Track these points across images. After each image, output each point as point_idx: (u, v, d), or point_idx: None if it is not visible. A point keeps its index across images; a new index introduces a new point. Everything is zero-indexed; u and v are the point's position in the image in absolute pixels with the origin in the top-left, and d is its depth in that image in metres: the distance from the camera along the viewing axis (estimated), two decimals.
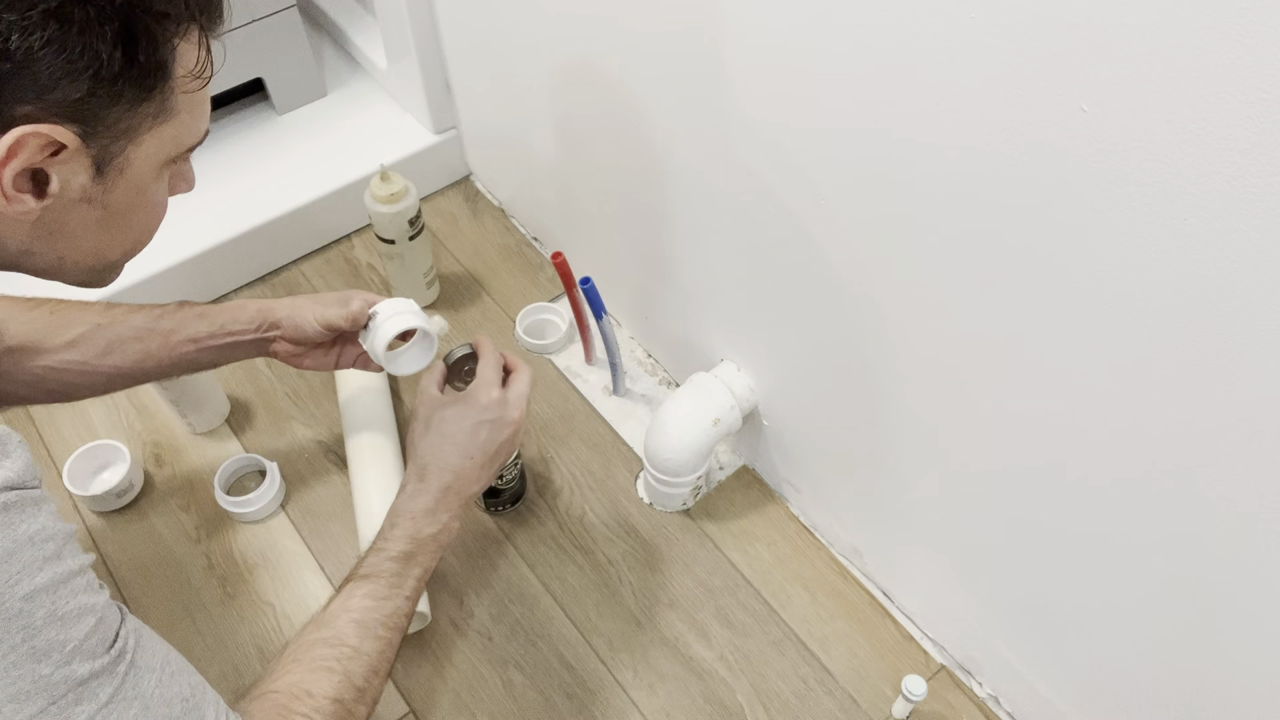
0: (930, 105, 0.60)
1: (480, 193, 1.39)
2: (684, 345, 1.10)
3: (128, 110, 0.50)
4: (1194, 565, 0.63)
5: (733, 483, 1.09)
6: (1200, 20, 0.44)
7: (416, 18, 1.19)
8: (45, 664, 0.50)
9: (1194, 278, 0.52)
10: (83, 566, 0.54)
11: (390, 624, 0.71)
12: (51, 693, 0.50)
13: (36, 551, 0.50)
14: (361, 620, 0.69)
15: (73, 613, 0.52)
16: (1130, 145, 0.51)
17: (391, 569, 0.73)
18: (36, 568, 0.50)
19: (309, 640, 0.67)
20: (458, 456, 0.79)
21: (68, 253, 0.56)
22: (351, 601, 0.70)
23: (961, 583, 0.87)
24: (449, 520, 0.78)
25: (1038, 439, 0.69)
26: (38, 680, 0.49)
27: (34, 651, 0.49)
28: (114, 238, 0.58)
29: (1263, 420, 0.53)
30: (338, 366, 0.95)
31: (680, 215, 0.94)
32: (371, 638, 0.69)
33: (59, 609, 0.51)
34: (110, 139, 0.50)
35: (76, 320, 0.83)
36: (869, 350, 0.80)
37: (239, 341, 0.89)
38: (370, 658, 0.68)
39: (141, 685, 0.54)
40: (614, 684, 0.94)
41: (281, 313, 0.90)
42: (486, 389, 0.81)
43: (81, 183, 0.51)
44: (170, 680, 0.56)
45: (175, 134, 0.54)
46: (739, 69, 0.74)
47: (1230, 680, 0.66)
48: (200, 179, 1.26)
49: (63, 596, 0.51)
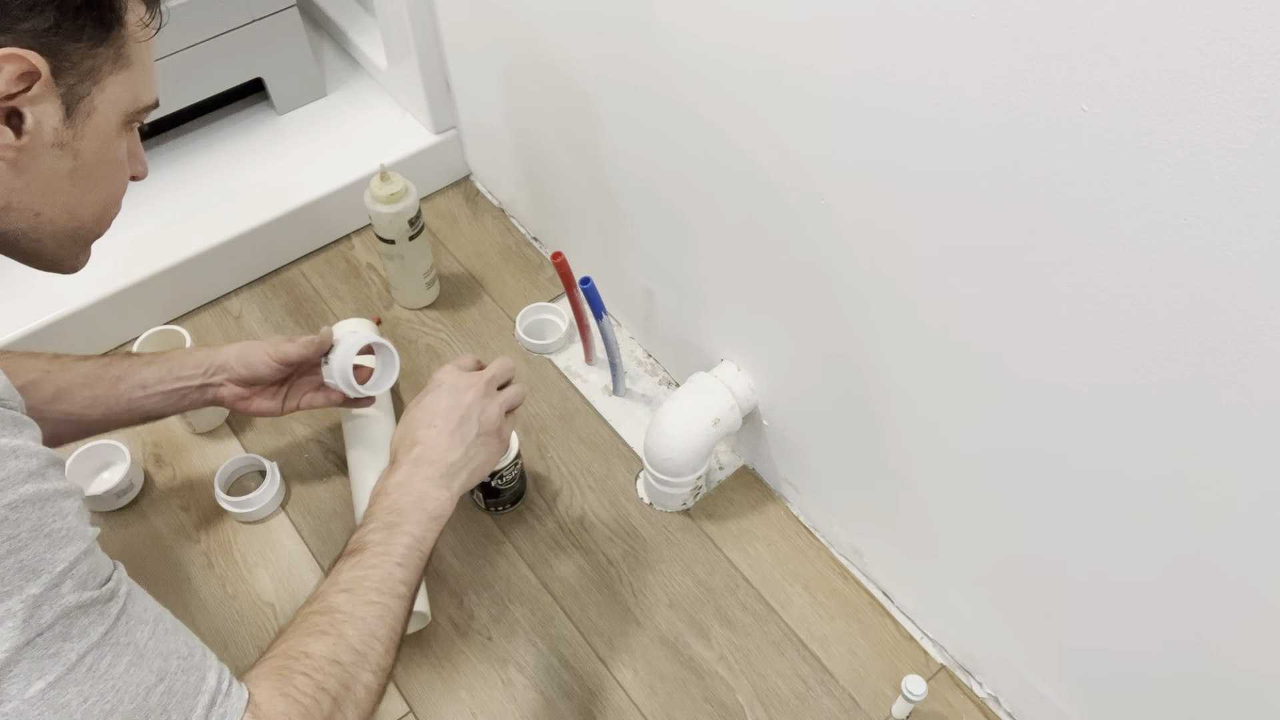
0: (930, 105, 0.60)
1: (480, 193, 1.39)
2: (684, 345, 1.10)
3: (90, 49, 0.55)
4: (1194, 564, 0.63)
5: (733, 483, 1.09)
6: (1200, 20, 0.44)
7: (416, 18, 1.19)
8: (33, 584, 0.47)
9: (1194, 278, 0.52)
10: (70, 491, 0.51)
11: (383, 589, 0.67)
12: (38, 621, 0.47)
13: (20, 464, 0.48)
14: (349, 588, 0.66)
15: (61, 533, 0.49)
16: (1130, 145, 0.51)
17: (375, 539, 0.70)
18: (20, 479, 0.47)
19: (300, 615, 0.65)
20: (421, 428, 0.78)
21: (44, 208, 0.58)
22: (339, 576, 0.67)
23: (961, 582, 0.87)
24: (429, 489, 0.75)
25: (1038, 439, 0.69)
26: (25, 601, 0.46)
27: (21, 566, 0.46)
28: (85, 194, 0.60)
29: (1263, 420, 0.53)
30: (283, 410, 0.95)
31: (681, 216, 0.94)
32: (363, 603, 0.65)
33: (46, 525, 0.48)
34: (76, 78, 0.55)
35: (25, 368, 0.83)
36: (869, 351, 0.80)
37: (187, 388, 0.90)
38: (365, 621, 0.64)
39: (135, 634, 0.51)
40: (614, 684, 0.94)
41: (229, 355, 0.91)
42: (439, 370, 0.84)
43: (54, 125, 0.55)
44: (165, 636, 0.53)
45: (132, 84, 0.59)
46: (740, 71, 0.74)
47: (1231, 679, 0.66)
48: (200, 179, 1.28)
49: (50, 514, 0.48)
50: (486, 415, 0.81)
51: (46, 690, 0.47)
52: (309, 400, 0.96)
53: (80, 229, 0.62)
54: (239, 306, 1.24)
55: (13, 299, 1.12)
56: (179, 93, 1.26)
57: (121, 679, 0.50)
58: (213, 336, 1.21)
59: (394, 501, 0.73)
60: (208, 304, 1.24)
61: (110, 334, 1.18)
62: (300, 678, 0.59)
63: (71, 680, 0.48)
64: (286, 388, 0.96)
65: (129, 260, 1.16)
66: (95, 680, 0.49)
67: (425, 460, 0.76)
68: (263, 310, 1.24)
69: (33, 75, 0.52)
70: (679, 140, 0.87)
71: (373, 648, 0.64)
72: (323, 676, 0.60)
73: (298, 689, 0.58)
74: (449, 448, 0.77)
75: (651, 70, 0.85)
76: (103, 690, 0.49)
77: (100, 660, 0.49)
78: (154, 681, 0.51)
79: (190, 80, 1.25)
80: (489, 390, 0.83)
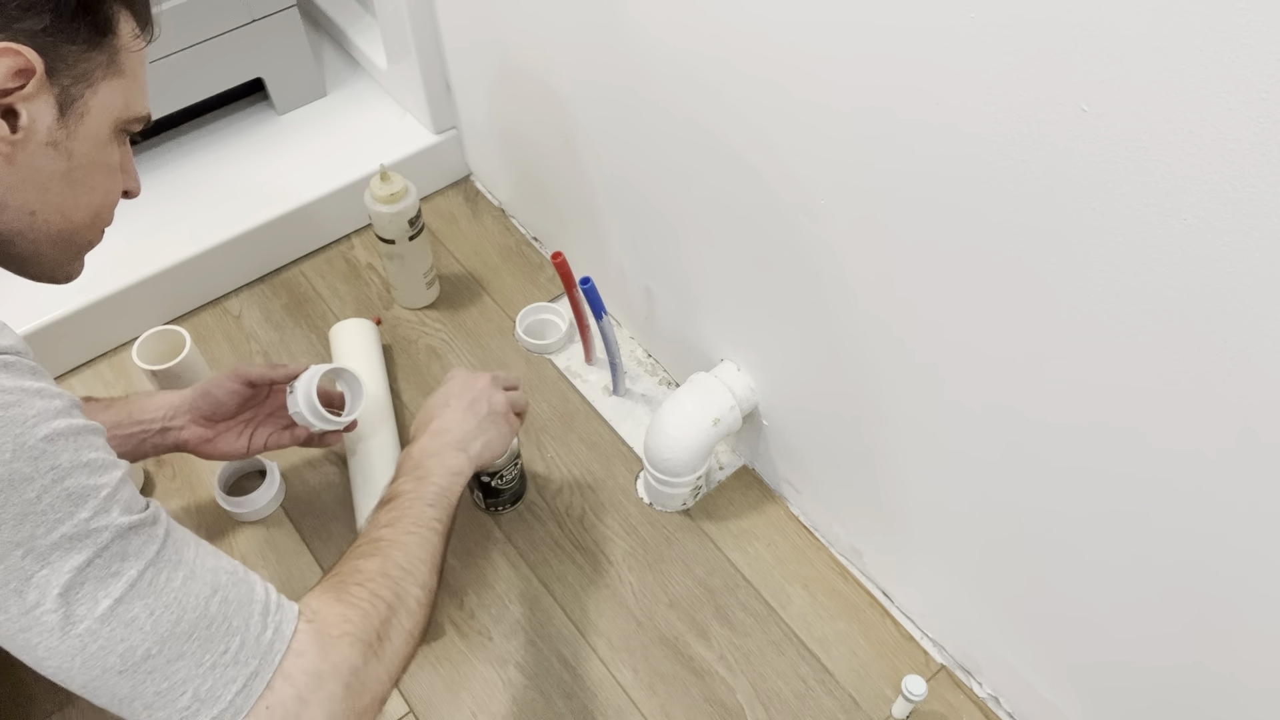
0: (930, 105, 0.60)
1: (480, 193, 1.39)
2: (684, 345, 1.10)
3: (83, 53, 0.56)
4: (1194, 564, 0.63)
5: (733, 483, 1.09)
6: (1200, 20, 0.45)
7: (416, 18, 1.19)
8: (83, 508, 0.49)
9: (1194, 277, 0.52)
10: (96, 428, 0.53)
11: (420, 522, 0.72)
12: (95, 540, 0.49)
13: (47, 403, 0.50)
14: (389, 524, 0.71)
15: (98, 462, 0.51)
16: (1130, 145, 0.51)
17: (406, 488, 0.75)
18: (51, 415, 0.49)
19: (348, 550, 0.69)
20: (436, 408, 0.85)
21: (39, 207, 0.58)
22: (378, 517, 0.73)
23: (961, 582, 0.87)
24: (448, 451, 0.81)
25: (1037, 440, 0.69)
26: (79, 525, 0.49)
27: (69, 494, 0.49)
28: (78, 196, 0.61)
29: (1263, 420, 0.53)
30: (249, 451, 0.94)
31: (681, 216, 0.94)
32: (404, 533, 0.70)
33: (82, 455, 0.50)
34: (70, 80, 0.56)
35: None
36: (869, 350, 0.80)
37: (147, 431, 0.89)
38: (408, 546, 0.69)
39: (184, 552, 0.54)
40: (614, 684, 0.94)
41: (188, 394, 0.91)
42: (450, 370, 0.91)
43: (48, 124, 0.56)
44: (209, 555, 0.56)
45: (124, 92, 0.60)
46: (739, 72, 0.74)
47: (1231, 678, 0.66)
48: (200, 179, 1.28)
49: (84, 445, 0.50)
50: (495, 399, 0.88)
51: (114, 607, 0.50)
52: (275, 440, 0.95)
53: (74, 233, 0.62)
54: (239, 306, 1.24)
55: (12, 299, 1.11)
56: (179, 93, 1.26)
57: (180, 591, 0.52)
58: (213, 336, 1.21)
59: (418, 461, 0.79)
60: (208, 304, 1.24)
61: (110, 334, 1.18)
62: (355, 588, 0.63)
63: (136, 595, 0.51)
64: (252, 428, 0.94)
65: (129, 260, 1.16)
66: (157, 594, 0.51)
67: (443, 430, 0.83)
68: (263, 310, 1.24)
69: (28, 72, 0.53)
70: (678, 140, 0.87)
71: (417, 567, 0.68)
72: (376, 585, 0.64)
73: (354, 596, 0.62)
74: (463, 420, 0.84)
75: (650, 71, 0.85)
76: (166, 603, 0.52)
77: (158, 575, 0.52)
78: (209, 593, 0.54)
79: (190, 80, 1.25)
80: (496, 384, 0.90)
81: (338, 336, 1.14)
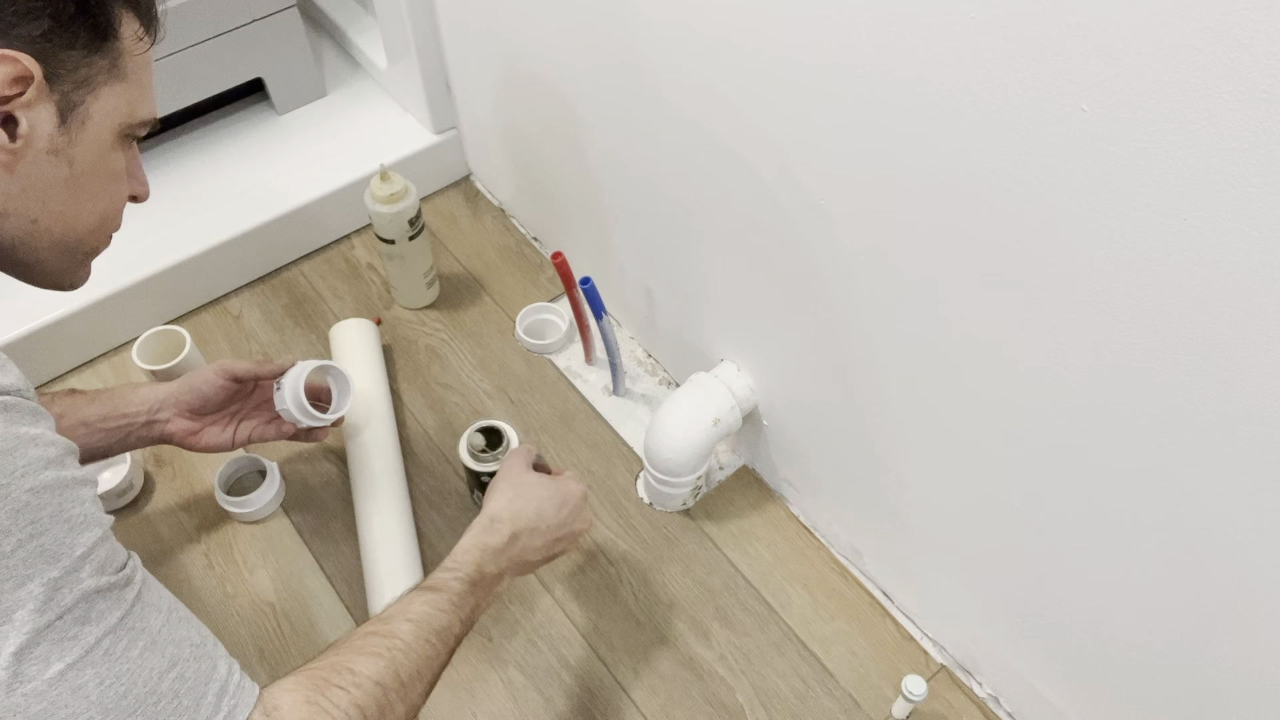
0: (930, 106, 0.60)
1: (480, 193, 1.39)
2: (684, 345, 1.10)
3: (84, 58, 0.56)
4: (1194, 563, 0.63)
5: (733, 483, 1.09)
6: (1200, 20, 0.45)
7: (416, 18, 1.19)
8: (54, 567, 0.48)
9: (1194, 277, 0.52)
10: (87, 479, 0.52)
11: (443, 636, 0.68)
12: (58, 604, 0.48)
13: (40, 451, 0.49)
14: (418, 622, 0.67)
15: (79, 519, 0.50)
16: (1130, 145, 0.51)
17: (456, 589, 0.71)
18: (41, 466, 0.49)
19: (361, 631, 0.65)
20: (534, 514, 0.79)
21: (40, 215, 0.58)
22: (412, 607, 0.68)
23: (961, 582, 0.87)
24: (512, 572, 0.77)
25: (1037, 439, 0.69)
26: (46, 584, 0.48)
27: (43, 550, 0.48)
28: (82, 204, 0.60)
29: (1262, 420, 0.53)
30: (234, 444, 0.94)
31: (681, 216, 0.94)
32: (423, 641, 0.66)
33: (65, 511, 0.49)
34: (71, 86, 0.56)
35: None
36: (869, 350, 0.80)
37: (132, 425, 0.88)
38: (419, 659, 0.65)
39: (148, 620, 0.52)
40: (614, 684, 0.94)
41: (174, 386, 0.90)
42: (576, 482, 0.84)
43: (48, 131, 0.55)
44: (178, 624, 0.54)
45: (128, 96, 0.60)
46: (737, 72, 0.74)
47: (1231, 678, 0.66)
48: (200, 179, 1.28)
49: (69, 500, 0.50)
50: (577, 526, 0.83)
51: (65, 672, 0.48)
52: (260, 433, 0.94)
53: (77, 241, 0.62)
54: (239, 306, 1.24)
55: (12, 300, 1.11)
56: (179, 93, 1.26)
57: (136, 663, 0.51)
58: (213, 336, 1.21)
59: (484, 563, 0.75)
60: (208, 304, 1.24)
61: (110, 334, 1.18)
62: (337, 691, 0.59)
63: (89, 663, 0.49)
64: (237, 421, 0.94)
65: (129, 260, 1.16)
66: (111, 664, 0.50)
67: (518, 548, 0.78)
68: (263, 310, 1.24)
69: (26, 79, 0.53)
70: (677, 140, 0.87)
71: (415, 686, 0.64)
72: (362, 695, 0.59)
73: (330, 701, 0.58)
74: (537, 550, 0.79)
75: (648, 72, 0.85)
76: (118, 673, 0.50)
77: (116, 644, 0.50)
78: (166, 667, 0.52)
79: (190, 80, 1.25)
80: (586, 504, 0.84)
81: (338, 336, 1.14)
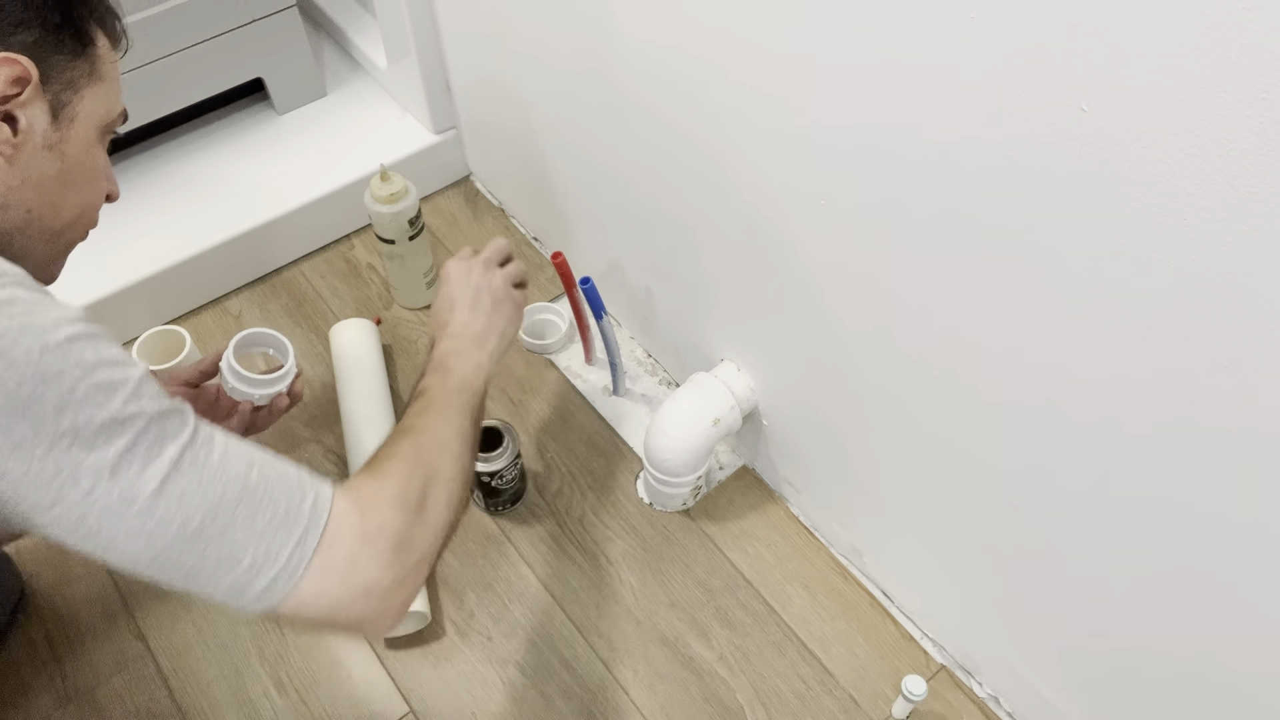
0: (930, 106, 0.60)
1: (480, 193, 1.39)
2: (684, 345, 1.10)
3: (69, 62, 0.62)
4: (1194, 563, 0.63)
5: (733, 483, 1.09)
6: (1200, 20, 0.45)
7: (416, 18, 1.19)
8: (116, 397, 0.51)
9: (1194, 278, 0.52)
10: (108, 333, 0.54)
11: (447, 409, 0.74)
12: (134, 425, 0.52)
13: (62, 311, 0.52)
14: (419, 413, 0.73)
15: (120, 358, 0.53)
16: (1130, 145, 0.51)
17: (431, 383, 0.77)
18: (68, 320, 0.51)
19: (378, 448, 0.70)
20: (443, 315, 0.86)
21: (35, 205, 0.62)
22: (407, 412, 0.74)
23: (961, 582, 0.87)
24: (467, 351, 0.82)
25: (1037, 440, 0.69)
26: (115, 412, 0.51)
27: (98, 386, 0.51)
28: (69, 195, 0.65)
29: (1262, 419, 0.53)
30: None
31: (681, 216, 0.94)
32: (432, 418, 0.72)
33: (104, 353, 0.52)
34: (60, 86, 0.61)
35: None
36: (870, 350, 0.80)
37: None
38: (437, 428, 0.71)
39: (215, 433, 0.56)
40: (614, 684, 0.94)
41: None
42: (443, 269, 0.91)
43: (43, 128, 0.61)
44: (236, 439, 0.58)
45: (106, 97, 0.65)
46: (738, 69, 0.74)
47: (1231, 677, 0.66)
48: (200, 179, 1.28)
49: (104, 345, 0.53)
50: (494, 285, 0.89)
51: (164, 483, 0.52)
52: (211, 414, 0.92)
53: (61, 230, 0.66)
54: (239, 306, 1.24)
55: None
56: (179, 92, 1.25)
57: (220, 467, 0.55)
58: (213, 336, 1.21)
59: (439, 362, 0.81)
60: (208, 304, 1.24)
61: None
62: (389, 462, 0.66)
63: (180, 472, 0.53)
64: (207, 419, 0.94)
65: (129, 260, 1.16)
66: (199, 469, 0.54)
67: (455, 335, 0.84)
68: (263, 310, 1.24)
69: (25, 80, 0.58)
70: (678, 141, 0.87)
71: (449, 443, 0.71)
72: (409, 459, 0.66)
73: (388, 469, 0.65)
74: (471, 319, 0.86)
75: (648, 73, 0.85)
76: (209, 476, 0.54)
77: (198, 453, 0.55)
78: (247, 467, 0.56)
79: (190, 80, 1.25)
80: (489, 268, 0.91)
81: (338, 336, 1.14)
